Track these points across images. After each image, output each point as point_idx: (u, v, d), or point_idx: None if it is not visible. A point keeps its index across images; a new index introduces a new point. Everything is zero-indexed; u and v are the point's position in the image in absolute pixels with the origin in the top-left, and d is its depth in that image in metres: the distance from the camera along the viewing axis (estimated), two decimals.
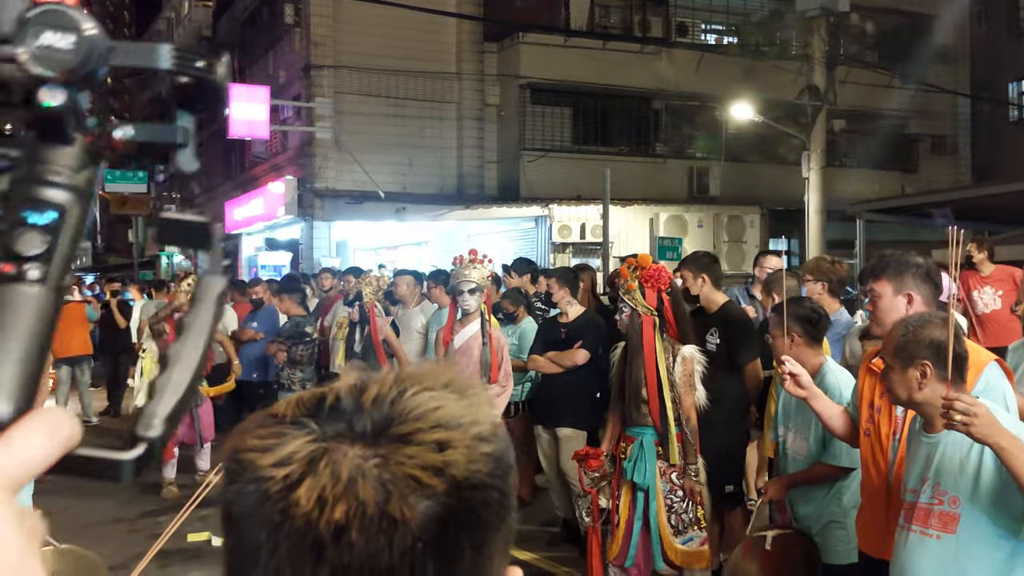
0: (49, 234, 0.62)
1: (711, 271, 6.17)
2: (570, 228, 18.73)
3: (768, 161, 20.39)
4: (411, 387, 0.79)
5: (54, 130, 0.64)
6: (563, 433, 7.05)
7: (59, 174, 0.64)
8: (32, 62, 0.61)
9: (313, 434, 0.75)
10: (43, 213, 0.63)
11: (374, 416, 0.76)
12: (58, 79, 0.62)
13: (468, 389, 0.82)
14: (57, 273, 0.62)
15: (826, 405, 3.89)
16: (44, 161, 0.64)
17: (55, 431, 0.59)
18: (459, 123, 21.68)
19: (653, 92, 21.52)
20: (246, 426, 0.79)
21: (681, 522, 5.17)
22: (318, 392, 0.80)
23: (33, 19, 0.62)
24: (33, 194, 0.63)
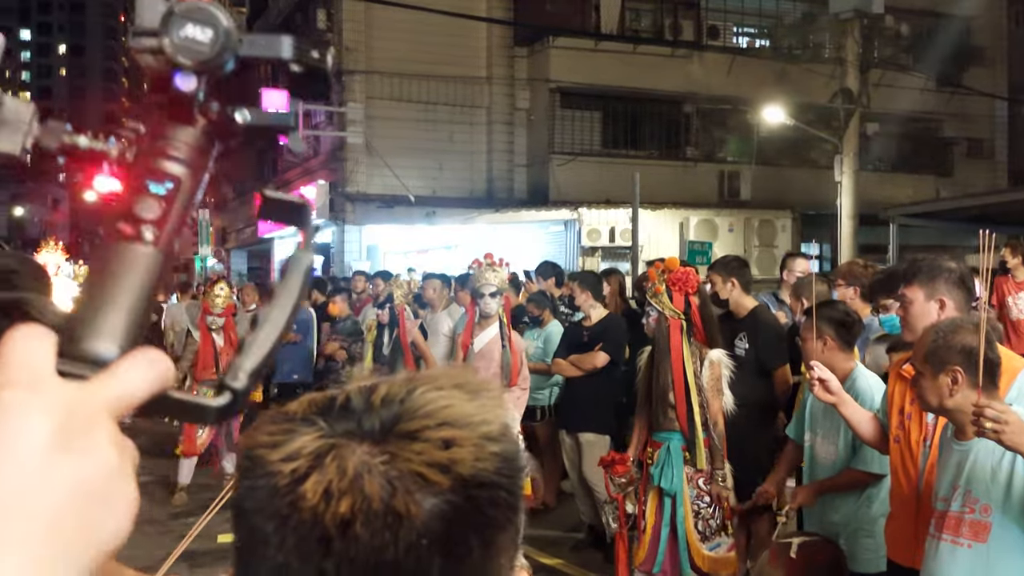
0: (164, 202, 0.70)
1: (740, 275, 6.12)
2: (599, 232, 18.67)
3: (800, 165, 20.23)
4: (421, 386, 0.79)
5: (181, 111, 0.72)
6: (585, 439, 7.01)
7: (179, 150, 0.72)
8: (175, 52, 0.69)
9: (321, 431, 0.76)
10: (161, 183, 0.70)
11: (383, 415, 0.77)
12: (193, 68, 0.70)
13: (480, 390, 0.82)
14: (169, 236, 0.70)
15: (855, 411, 3.83)
16: (167, 137, 0.72)
17: (153, 367, 0.64)
18: (489, 127, 21.69)
19: (684, 95, 21.42)
20: (259, 424, 0.80)
21: (708, 528, 5.12)
22: (330, 392, 0.81)
23: (178, 13, 0.70)
24: (155, 165, 0.71)
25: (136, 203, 0.70)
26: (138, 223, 0.69)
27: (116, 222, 0.70)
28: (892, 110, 20.14)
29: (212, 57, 0.70)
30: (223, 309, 9.16)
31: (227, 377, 0.69)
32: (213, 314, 9.14)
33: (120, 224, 0.69)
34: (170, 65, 0.70)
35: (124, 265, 0.68)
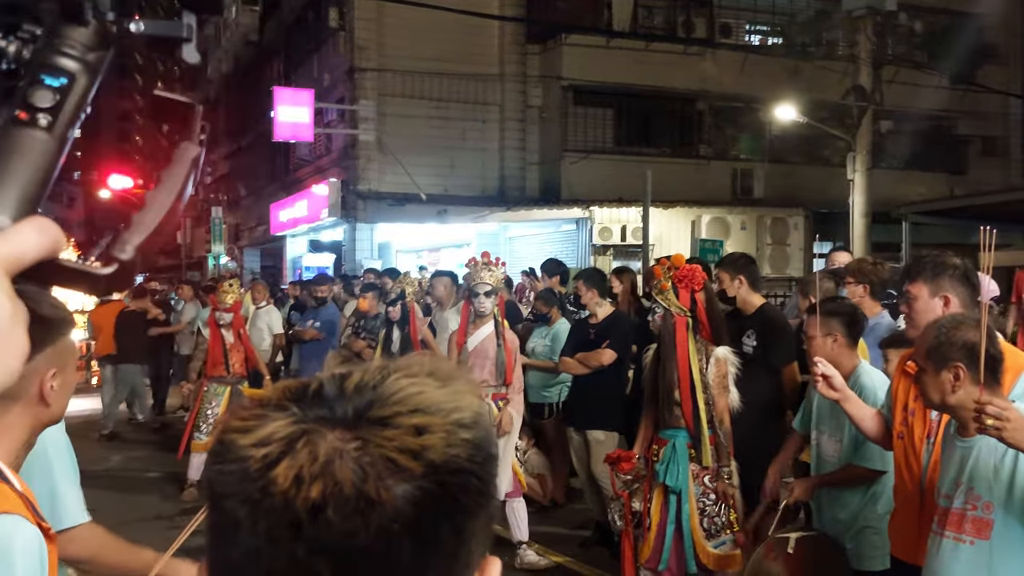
0: (59, 94, 0.74)
1: (748, 272, 6.10)
2: (611, 230, 18.65)
3: (813, 162, 20.15)
4: (393, 374, 0.80)
5: (74, 11, 0.75)
6: (593, 436, 7.01)
7: (73, 48, 0.76)
8: None
9: (294, 417, 0.77)
10: (56, 77, 0.75)
11: (355, 401, 0.77)
12: None
13: (452, 377, 0.83)
14: (63, 125, 0.74)
15: (859, 407, 3.82)
16: (62, 36, 0.76)
17: (44, 232, 0.69)
18: (501, 125, 21.68)
19: (696, 93, 21.36)
20: (233, 410, 0.81)
21: (714, 525, 5.10)
22: (304, 379, 0.82)
23: None
24: (50, 60, 0.75)
25: (31, 93, 0.74)
26: (33, 110, 0.73)
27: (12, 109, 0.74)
28: (905, 108, 20.02)
29: None
30: (231, 305, 9.19)
31: (115, 248, 0.75)
32: (221, 310, 9.17)
33: (16, 110, 0.73)
34: None
35: (18, 147, 0.72)
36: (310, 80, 23.00)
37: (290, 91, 21.14)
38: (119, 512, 8.01)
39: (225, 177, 35.31)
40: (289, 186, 26.01)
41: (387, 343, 8.29)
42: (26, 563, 1.67)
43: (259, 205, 29.31)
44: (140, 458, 11.10)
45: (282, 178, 27.46)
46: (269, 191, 28.19)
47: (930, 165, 22.15)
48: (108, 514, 7.72)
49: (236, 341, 9.23)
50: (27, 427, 1.94)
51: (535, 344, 7.91)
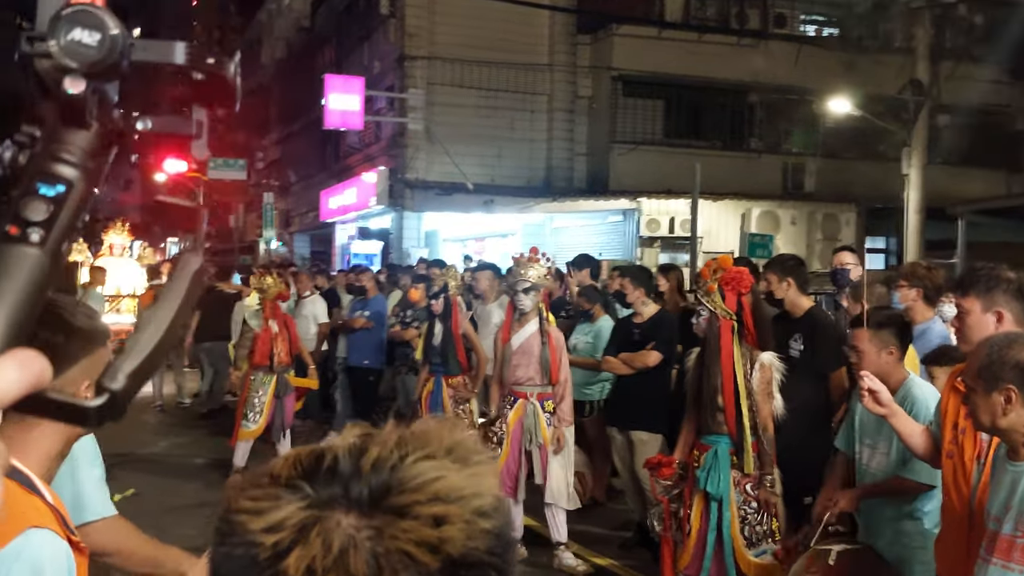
0: (54, 204, 0.70)
1: (797, 275, 5.99)
2: (659, 222, 18.51)
3: (866, 157, 19.77)
4: (412, 453, 0.76)
5: (74, 115, 0.73)
6: (637, 436, 6.94)
7: (72, 153, 0.72)
8: (61, 54, 0.70)
9: (307, 499, 0.73)
10: (52, 186, 0.71)
11: (372, 482, 0.74)
12: (82, 71, 0.71)
13: (472, 456, 0.79)
14: (56, 240, 0.70)
15: (907, 423, 3.72)
16: (61, 141, 0.73)
17: (26, 366, 0.65)
18: (550, 115, 21.59)
19: (749, 85, 21.08)
20: (241, 484, 0.78)
21: (755, 534, 5.02)
22: (317, 450, 0.78)
23: (65, 17, 0.71)
24: (46, 168, 0.72)
25: (24, 205, 0.70)
26: (25, 224, 0.70)
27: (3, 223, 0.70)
28: (963, 102, 19.57)
29: (100, 60, 0.71)
30: (273, 298, 9.26)
31: (105, 378, 0.70)
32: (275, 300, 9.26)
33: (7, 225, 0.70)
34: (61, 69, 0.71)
35: (7, 266, 0.69)
36: (360, 67, 23.09)
37: (341, 79, 21.23)
38: (163, 498, 8.12)
39: (277, 163, 35.60)
40: (339, 173, 26.16)
41: (429, 336, 8.29)
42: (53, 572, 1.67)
43: (309, 191, 29.52)
44: (186, 444, 11.21)
45: (332, 165, 27.63)
46: (319, 178, 28.39)
47: (987, 162, 21.63)
48: (152, 500, 7.87)
49: (281, 331, 9.28)
50: (60, 439, 1.93)
51: (577, 341, 7.85)
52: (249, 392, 9.17)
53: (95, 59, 0.71)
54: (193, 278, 0.77)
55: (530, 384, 6.71)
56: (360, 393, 10.82)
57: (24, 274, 0.68)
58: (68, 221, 0.71)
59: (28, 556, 1.62)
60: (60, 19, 0.71)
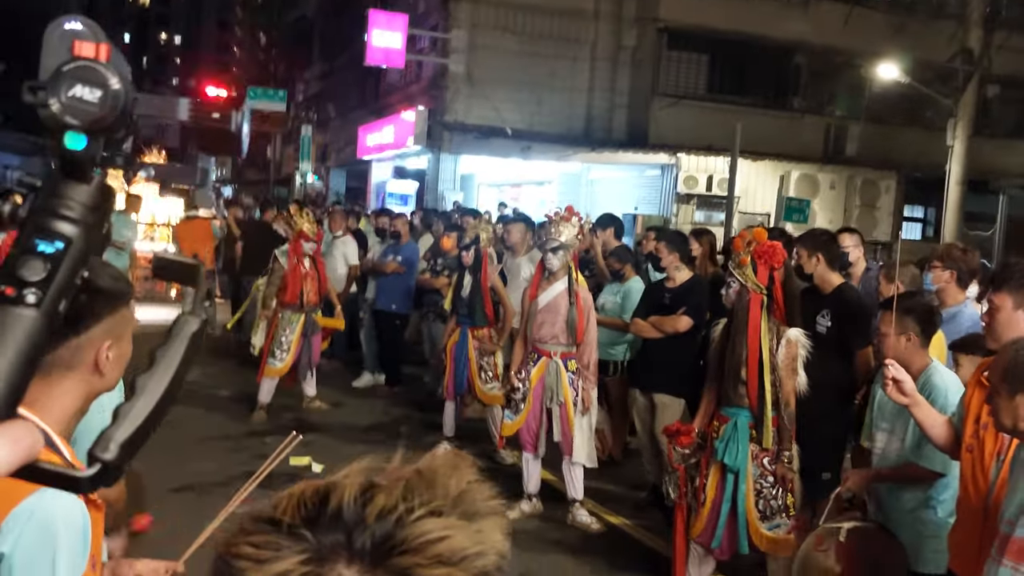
0: (51, 263, 0.70)
1: (827, 250, 5.94)
2: (696, 179, 18.36)
3: (911, 124, 19.44)
4: (419, 507, 0.75)
5: (75, 169, 0.72)
6: (660, 399, 6.96)
7: (72, 209, 0.72)
8: (62, 111, 0.70)
9: (307, 552, 0.72)
10: (51, 243, 0.70)
11: (375, 532, 0.73)
12: (82, 128, 0.71)
13: (480, 509, 0.79)
14: (52, 299, 0.69)
15: (928, 414, 3.71)
16: (61, 196, 0.72)
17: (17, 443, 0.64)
18: (592, 64, 21.34)
19: (796, 44, 20.70)
20: (243, 526, 0.77)
21: (769, 508, 5.05)
22: (323, 491, 0.77)
23: (67, 72, 0.70)
24: (46, 224, 0.71)
25: (21, 264, 0.70)
26: (21, 284, 0.69)
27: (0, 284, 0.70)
28: (1014, 74, 19.15)
29: (101, 117, 0.71)
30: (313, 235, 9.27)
31: (97, 448, 0.69)
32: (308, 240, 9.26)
33: (3, 285, 0.69)
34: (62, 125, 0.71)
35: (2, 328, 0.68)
36: (405, 5, 22.88)
37: (384, 15, 21.04)
38: (189, 429, 8.26)
39: (317, 96, 35.51)
40: (378, 111, 26.07)
41: (458, 287, 8.32)
42: (70, 537, 1.71)
43: (348, 127, 29.45)
44: (215, 375, 11.34)
45: (371, 102, 27.52)
46: (358, 114, 28.30)
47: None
48: (175, 430, 7.99)
49: (311, 270, 9.32)
50: (80, 396, 1.96)
51: (605, 300, 7.84)
52: (276, 330, 9.25)
53: (96, 116, 0.70)
54: (191, 342, 0.76)
55: (554, 343, 6.73)
56: (386, 337, 10.90)
57: (19, 336, 0.67)
58: (66, 280, 0.70)
59: (41, 515, 1.65)
60: (62, 75, 0.70)
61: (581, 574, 6.00)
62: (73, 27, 0.73)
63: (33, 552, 1.64)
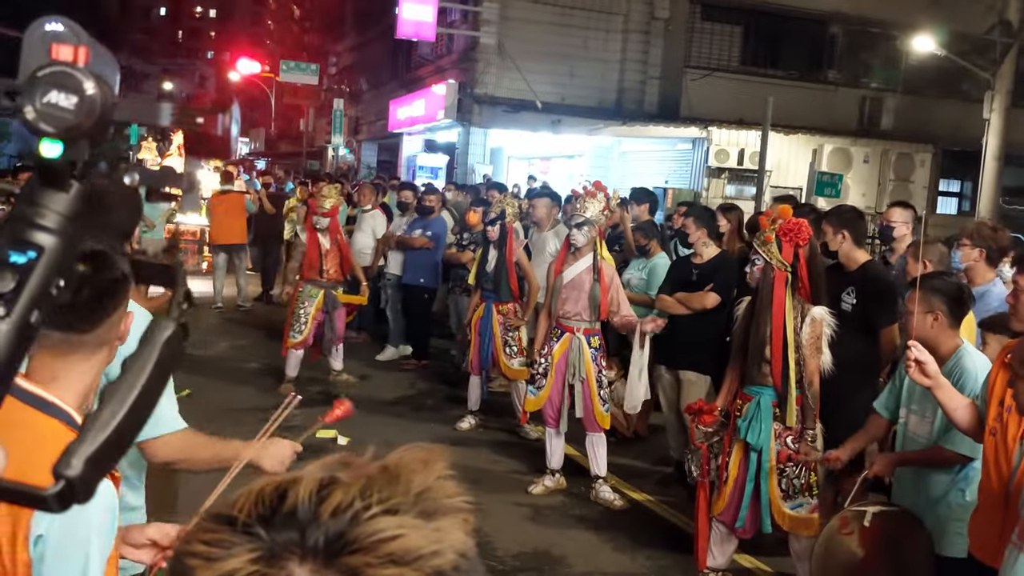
0: (21, 273, 0.67)
1: (854, 227, 5.86)
2: (728, 153, 18.18)
3: (947, 97, 19.13)
4: (376, 504, 0.74)
5: (52, 178, 0.70)
6: (686, 376, 6.93)
7: (47, 218, 0.69)
8: (36, 119, 0.68)
9: (259, 550, 0.72)
10: (23, 252, 0.68)
11: (328, 530, 0.72)
12: (58, 135, 0.68)
13: (441, 506, 0.77)
14: (22, 311, 0.67)
15: (951, 396, 3.65)
16: (38, 204, 0.70)
17: None
18: (624, 35, 21.15)
19: (831, 15, 20.40)
20: (200, 523, 0.77)
21: (792, 487, 5.01)
22: (282, 487, 0.77)
23: (42, 78, 0.68)
24: (18, 234, 0.69)
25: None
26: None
27: None
28: None
29: (77, 124, 0.68)
30: (328, 210, 9.23)
31: (60, 465, 0.67)
32: (319, 214, 9.23)
33: None
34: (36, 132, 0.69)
35: None
36: None
37: None
38: (217, 400, 8.35)
39: (349, 69, 35.51)
40: (408, 84, 26.03)
41: (483, 262, 8.31)
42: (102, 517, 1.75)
43: (379, 100, 29.45)
44: (244, 347, 11.44)
45: (402, 75, 27.48)
46: (389, 87, 28.28)
47: None
48: (204, 402, 8.08)
49: (332, 247, 9.30)
50: (97, 371, 1.99)
51: (631, 276, 7.80)
52: (296, 304, 9.28)
53: (72, 123, 0.68)
54: (164, 348, 0.73)
55: (577, 319, 6.71)
56: (413, 311, 10.92)
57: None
58: (37, 290, 0.68)
59: None
60: (37, 80, 0.68)
61: (604, 550, 5.99)
62: (53, 28, 0.71)
63: (68, 533, 1.68)
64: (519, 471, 7.24)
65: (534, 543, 5.91)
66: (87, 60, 0.70)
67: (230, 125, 4.94)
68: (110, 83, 0.71)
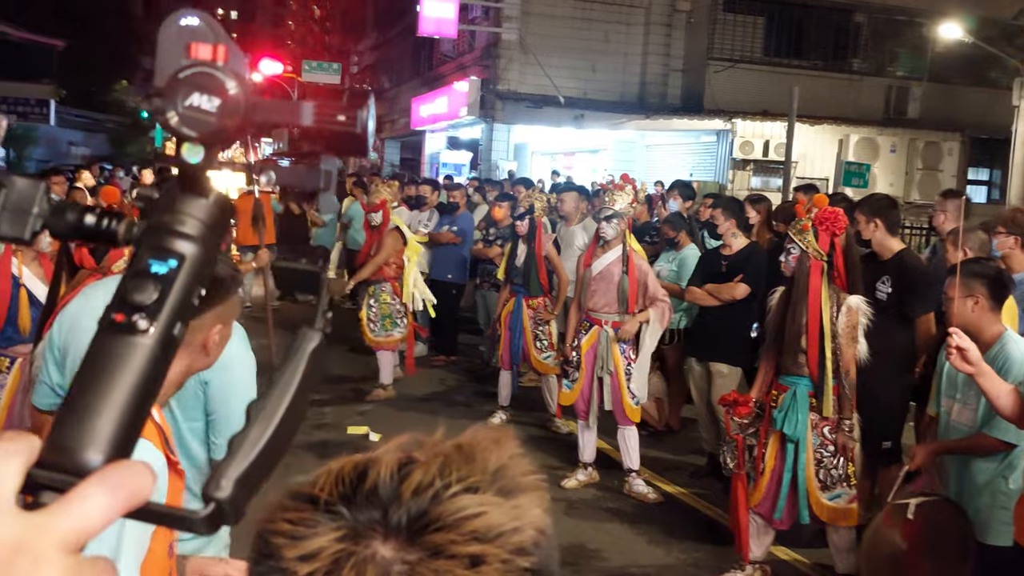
0: (163, 283, 0.64)
1: (886, 216, 5.80)
2: (752, 145, 18.09)
3: (976, 84, 18.94)
4: (456, 483, 0.75)
5: (193, 183, 0.67)
6: (717, 368, 6.89)
7: (188, 224, 0.67)
8: (180, 124, 0.65)
9: (343, 528, 0.73)
10: (164, 261, 0.65)
11: (411, 508, 0.73)
12: (200, 139, 0.66)
13: (519, 483, 0.77)
14: (165, 324, 0.64)
15: (994, 383, 3.60)
16: (177, 211, 0.67)
17: (118, 489, 0.59)
18: (646, 28, 21.08)
19: (855, 4, 20.24)
20: (282, 502, 0.77)
21: (830, 477, 4.98)
22: (361, 466, 0.77)
23: (184, 80, 0.65)
24: (160, 242, 0.66)
25: (131, 287, 0.64)
26: (131, 309, 0.63)
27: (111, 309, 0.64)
28: None
29: (220, 128, 0.65)
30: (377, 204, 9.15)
31: (210, 486, 0.64)
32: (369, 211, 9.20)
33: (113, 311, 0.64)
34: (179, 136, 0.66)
35: (113, 360, 0.62)
36: None
37: None
38: None
39: (371, 67, 35.59)
40: (431, 81, 26.06)
41: (512, 256, 8.29)
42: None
43: (402, 98, 29.51)
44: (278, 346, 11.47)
45: (424, 73, 27.52)
46: (411, 85, 28.32)
47: None
48: None
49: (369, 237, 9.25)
50: (181, 371, 2.08)
51: (660, 268, 7.76)
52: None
53: (215, 127, 0.65)
54: (311, 359, 0.69)
55: (606, 312, 6.69)
56: (442, 307, 10.92)
57: (131, 368, 0.62)
58: (180, 300, 0.65)
59: None
60: (179, 83, 0.65)
61: (639, 543, 5.97)
62: (190, 23, 0.68)
63: None
64: (551, 465, 7.23)
65: (568, 537, 5.90)
66: (227, 58, 0.67)
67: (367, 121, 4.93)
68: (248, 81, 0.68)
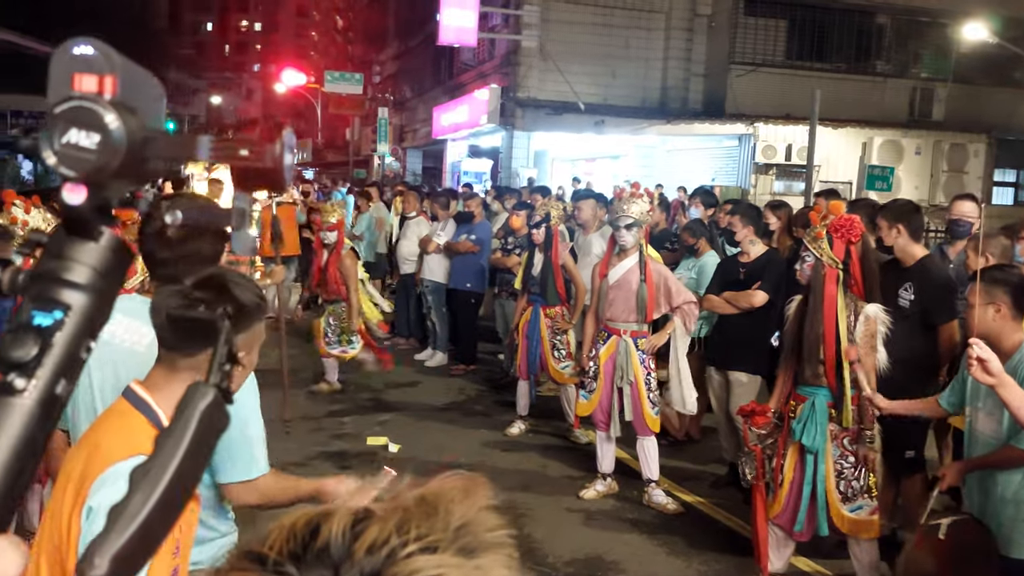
0: (44, 338, 0.59)
1: (909, 221, 5.69)
2: (775, 149, 17.95)
3: (1001, 85, 18.72)
4: (413, 541, 0.69)
5: (78, 226, 0.62)
6: (736, 377, 6.80)
7: (74, 272, 0.61)
8: (57, 163, 0.59)
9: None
10: (49, 313, 0.60)
11: (363, 568, 0.68)
12: (81, 179, 0.60)
13: (482, 542, 0.72)
14: (46, 383, 0.58)
15: (1016, 395, 3.51)
16: (65, 256, 0.61)
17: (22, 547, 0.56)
18: (667, 33, 21.00)
19: (878, 5, 20.07)
20: (231, 560, 0.72)
21: (851, 489, 4.88)
22: (314, 522, 0.72)
23: (60, 114, 0.59)
24: (44, 292, 0.60)
25: (9, 341, 0.58)
26: (7, 367, 0.58)
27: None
28: None
29: (101, 165, 0.59)
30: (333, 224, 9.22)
31: (82, 564, 0.58)
32: (324, 229, 9.26)
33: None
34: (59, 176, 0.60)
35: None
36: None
37: None
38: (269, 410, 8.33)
39: (393, 77, 35.69)
40: (452, 90, 26.09)
41: (529, 265, 8.24)
42: None
43: (423, 107, 29.58)
44: (293, 357, 11.45)
45: (445, 82, 27.57)
46: (433, 94, 28.38)
47: None
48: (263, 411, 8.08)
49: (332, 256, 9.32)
50: None
51: (680, 276, 7.67)
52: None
53: (95, 165, 0.59)
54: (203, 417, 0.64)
55: (624, 321, 6.61)
56: (460, 316, 10.90)
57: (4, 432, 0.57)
58: (65, 355, 0.59)
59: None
60: (55, 118, 0.59)
61: (658, 554, 5.89)
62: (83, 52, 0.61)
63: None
64: (570, 476, 7.16)
65: (587, 548, 5.83)
66: (115, 91, 0.61)
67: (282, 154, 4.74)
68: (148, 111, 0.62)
